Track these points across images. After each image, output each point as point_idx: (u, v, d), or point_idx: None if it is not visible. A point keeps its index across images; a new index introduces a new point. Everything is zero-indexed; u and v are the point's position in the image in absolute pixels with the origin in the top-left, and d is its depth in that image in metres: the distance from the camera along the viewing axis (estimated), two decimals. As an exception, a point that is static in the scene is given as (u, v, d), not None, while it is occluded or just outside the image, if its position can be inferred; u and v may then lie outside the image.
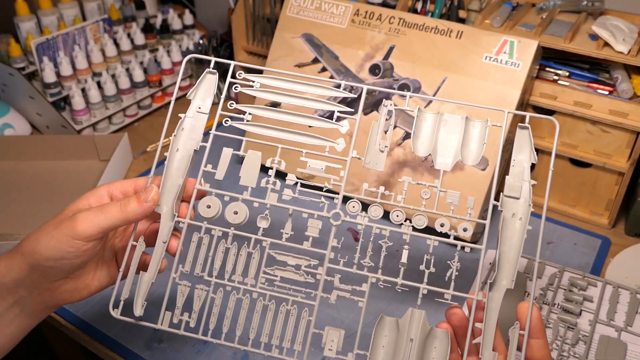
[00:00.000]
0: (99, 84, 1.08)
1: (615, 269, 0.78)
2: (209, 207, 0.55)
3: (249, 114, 0.57)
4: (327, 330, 0.52)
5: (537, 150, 0.89)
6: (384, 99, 0.56)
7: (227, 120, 0.56)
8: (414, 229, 0.53)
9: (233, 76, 0.57)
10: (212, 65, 0.58)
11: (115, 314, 0.53)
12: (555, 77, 0.84)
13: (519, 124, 0.53)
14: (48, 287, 0.52)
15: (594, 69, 0.84)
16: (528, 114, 0.53)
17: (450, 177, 0.80)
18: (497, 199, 0.52)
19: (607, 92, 0.81)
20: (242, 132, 0.58)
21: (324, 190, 0.54)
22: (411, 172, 0.82)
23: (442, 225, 0.53)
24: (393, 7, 0.93)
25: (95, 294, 0.55)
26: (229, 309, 0.53)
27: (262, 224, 0.54)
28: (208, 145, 0.56)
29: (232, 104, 0.57)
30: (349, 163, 0.54)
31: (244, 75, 0.57)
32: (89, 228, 0.49)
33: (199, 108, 0.56)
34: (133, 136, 1.06)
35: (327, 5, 0.90)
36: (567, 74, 0.84)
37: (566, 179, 0.88)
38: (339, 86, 0.57)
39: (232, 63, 0.59)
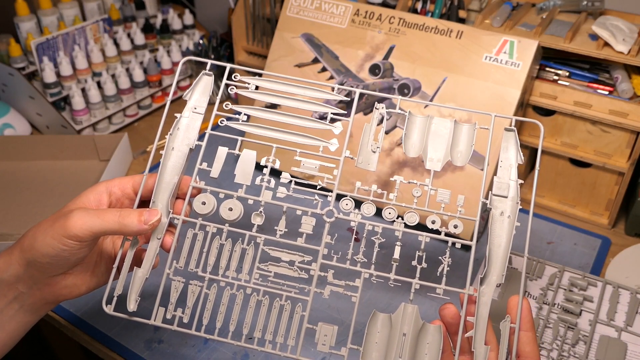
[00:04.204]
0: (99, 84, 1.08)
1: (615, 269, 0.78)
2: (204, 203, 0.55)
3: (244, 114, 0.57)
4: (321, 325, 0.52)
5: (536, 150, 0.89)
6: (376, 102, 0.57)
7: (223, 121, 0.57)
8: (406, 226, 0.54)
9: (229, 78, 0.58)
10: (208, 67, 0.59)
11: (109, 309, 0.53)
12: (555, 77, 0.84)
13: (505, 127, 0.55)
14: (47, 283, 0.52)
15: (594, 69, 0.84)
16: (514, 117, 0.56)
17: (451, 177, 0.80)
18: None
19: (607, 92, 0.81)
20: (238, 132, 0.58)
21: (317, 188, 0.55)
22: (411, 172, 0.82)
23: (433, 222, 0.54)
24: (393, 7, 0.93)
25: (94, 289, 0.55)
26: (222, 305, 0.53)
27: (257, 220, 0.55)
28: (204, 144, 0.57)
29: (228, 104, 0.58)
30: (342, 162, 0.55)
31: (239, 77, 0.58)
32: (81, 231, 0.48)
33: (195, 108, 0.58)
34: (133, 136, 1.06)
35: (327, 5, 0.90)
36: (567, 74, 0.84)
37: (566, 179, 0.88)
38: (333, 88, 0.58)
39: (228, 66, 0.59)
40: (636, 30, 0.82)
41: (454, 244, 0.53)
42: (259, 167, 0.55)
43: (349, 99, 0.59)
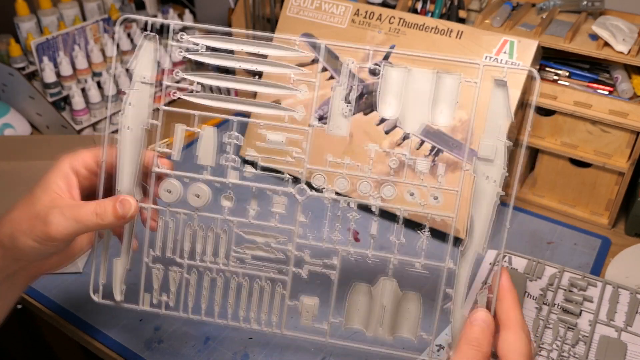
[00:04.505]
0: (99, 84, 1.08)
1: (615, 269, 0.78)
2: (169, 192, 0.53)
3: (198, 83, 0.52)
4: (302, 300, 0.53)
5: (536, 150, 0.89)
6: (347, 58, 0.52)
7: (175, 93, 0.53)
8: (383, 200, 0.52)
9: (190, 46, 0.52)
10: (149, 27, 0.52)
11: (97, 298, 0.53)
12: (555, 77, 0.84)
13: (495, 78, 0.48)
14: (34, 265, 0.54)
15: (594, 69, 0.84)
16: (506, 66, 0.48)
17: (450, 177, 0.80)
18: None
19: (607, 92, 0.81)
20: (194, 106, 0.53)
21: (287, 162, 0.52)
22: (411, 173, 0.82)
23: (411, 195, 0.51)
24: (393, 7, 0.93)
25: (78, 257, 0.56)
26: (204, 289, 0.54)
27: (226, 203, 0.53)
28: (159, 122, 0.53)
29: (178, 72, 0.52)
30: (311, 133, 0.52)
31: (186, 37, 0.52)
32: (63, 235, 0.49)
33: (144, 78, 0.52)
34: (133, 136, 1.06)
35: (327, 5, 0.90)
36: (567, 74, 0.84)
37: (566, 179, 0.88)
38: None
39: (172, 23, 0.53)
40: (636, 30, 0.82)
41: (433, 230, 0.51)
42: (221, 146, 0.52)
43: (317, 56, 0.54)
